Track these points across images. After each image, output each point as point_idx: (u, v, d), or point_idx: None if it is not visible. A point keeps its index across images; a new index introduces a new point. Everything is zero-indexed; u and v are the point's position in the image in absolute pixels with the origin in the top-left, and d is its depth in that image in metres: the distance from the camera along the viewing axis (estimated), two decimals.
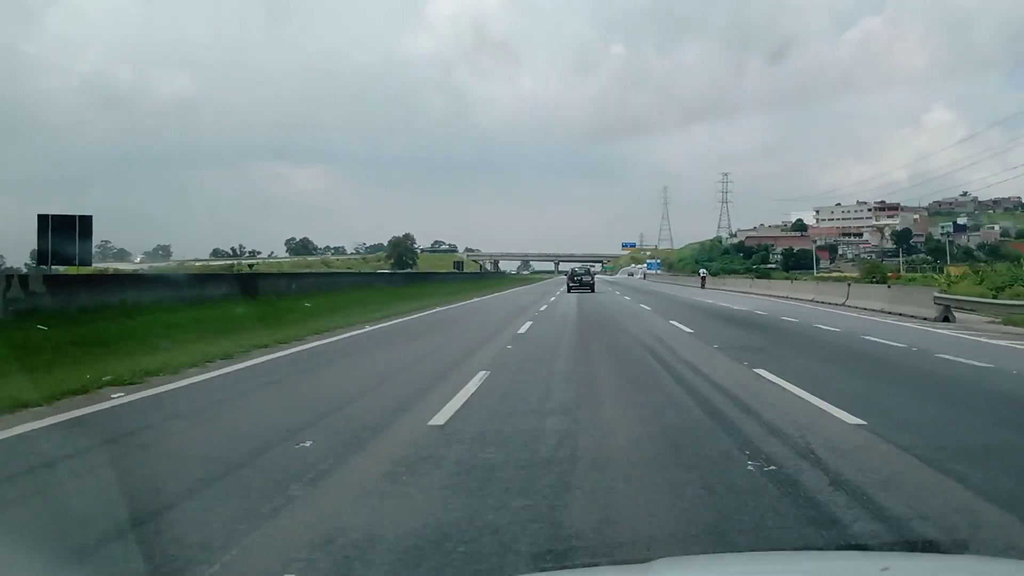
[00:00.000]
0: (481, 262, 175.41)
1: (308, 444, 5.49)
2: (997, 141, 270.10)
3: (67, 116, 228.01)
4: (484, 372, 9.27)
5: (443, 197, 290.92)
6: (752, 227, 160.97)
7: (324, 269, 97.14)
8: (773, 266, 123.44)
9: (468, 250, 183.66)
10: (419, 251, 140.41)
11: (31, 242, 19.34)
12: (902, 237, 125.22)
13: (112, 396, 7.55)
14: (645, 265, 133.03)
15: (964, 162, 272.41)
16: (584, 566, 3.37)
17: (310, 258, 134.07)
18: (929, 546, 3.52)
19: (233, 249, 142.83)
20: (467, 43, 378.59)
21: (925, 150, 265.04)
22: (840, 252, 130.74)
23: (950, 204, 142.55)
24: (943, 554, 3.36)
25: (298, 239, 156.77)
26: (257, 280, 26.38)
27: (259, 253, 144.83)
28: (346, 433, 5.90)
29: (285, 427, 6.08)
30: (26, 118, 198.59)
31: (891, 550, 3.45)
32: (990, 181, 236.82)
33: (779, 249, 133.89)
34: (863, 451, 5.40)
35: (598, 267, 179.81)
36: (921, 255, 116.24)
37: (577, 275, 43.05)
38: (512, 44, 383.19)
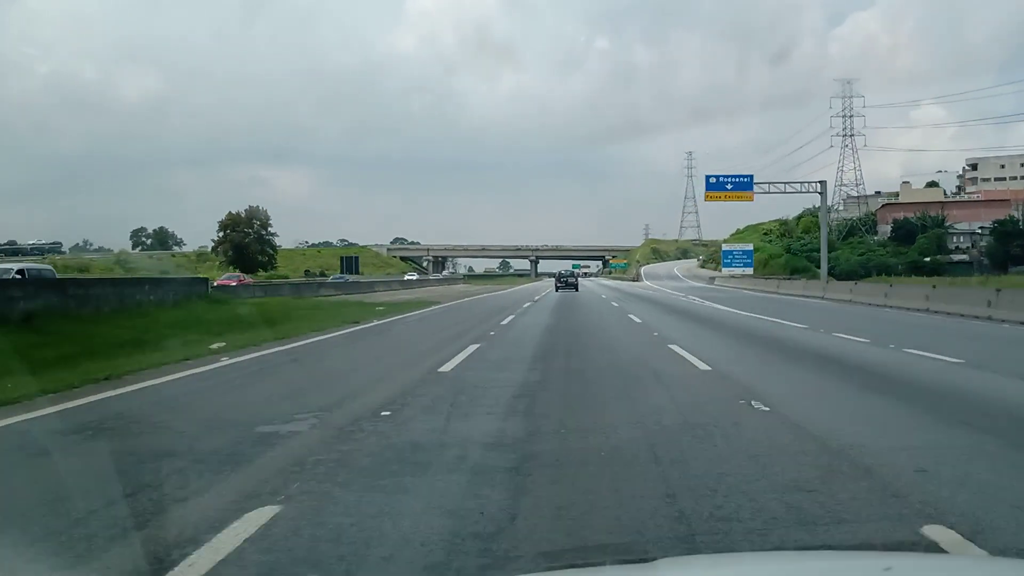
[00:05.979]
0: (416, 260, 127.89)
1: None
2: None
3: None
4: None
5: (421, 196, 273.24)
6: (873, 193, 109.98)
7: (104, 274, 56.64)
8: (964, 258, 79.03)
9: (397, 239, 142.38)
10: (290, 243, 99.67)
11: None
12: None
13: None
14: (723, 260, 77.09)
15: None
16: (588, 565, 3.34)
17: (99, 258, 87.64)
18: (933, 546, 3.49)
19: (78, 244, 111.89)
20: (449, 41, 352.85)
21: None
22: None
23: None
24: (947, 554, 3.35)
25: (151, 230, 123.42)
26: None
27: (110, 249, 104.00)
28: None
29: None
30: None
31: (895, 551, 3.40)
32: None
33: (976, 226, 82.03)
34: None
35: (593, 266, 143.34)
36: None
37: (563, 277, 54.27)
38: (506, 42, 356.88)
